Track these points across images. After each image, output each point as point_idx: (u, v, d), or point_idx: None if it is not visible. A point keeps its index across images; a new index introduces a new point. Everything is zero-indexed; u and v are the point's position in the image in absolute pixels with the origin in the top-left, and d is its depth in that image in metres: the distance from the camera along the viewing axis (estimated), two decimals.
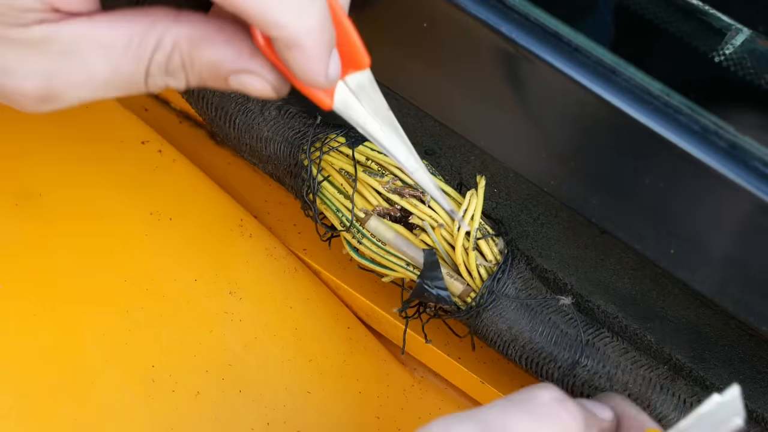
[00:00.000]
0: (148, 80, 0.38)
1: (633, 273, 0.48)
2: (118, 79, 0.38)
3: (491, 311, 0.47)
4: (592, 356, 0.47)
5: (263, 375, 0.53)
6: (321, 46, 0.37)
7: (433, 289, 0.47)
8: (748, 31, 0.42)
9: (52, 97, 0.37)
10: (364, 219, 0.49)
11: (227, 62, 0.38)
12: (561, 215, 0.49)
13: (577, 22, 0.39)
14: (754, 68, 0.41)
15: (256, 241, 0.59)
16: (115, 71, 0.37)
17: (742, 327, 0.44)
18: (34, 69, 0.36)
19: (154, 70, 0.38)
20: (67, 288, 0.51)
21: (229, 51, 0.38)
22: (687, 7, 0.42)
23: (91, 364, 0.49)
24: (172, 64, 0.38)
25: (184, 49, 0.38)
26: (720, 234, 0.39)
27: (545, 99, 0.40)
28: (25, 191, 0.54)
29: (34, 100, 0.37)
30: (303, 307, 0.57)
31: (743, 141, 0.36)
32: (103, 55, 0.37)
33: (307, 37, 0.36)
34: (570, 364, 0.47)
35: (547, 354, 0.47)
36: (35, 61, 0.36)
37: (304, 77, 0.38)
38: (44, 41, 0.36)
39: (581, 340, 0.47)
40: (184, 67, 0.38)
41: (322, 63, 0.37)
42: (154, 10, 0.38)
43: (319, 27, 0.36)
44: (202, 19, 0.38)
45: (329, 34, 0.37)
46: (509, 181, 0.50)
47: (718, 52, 0.41)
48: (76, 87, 0.37)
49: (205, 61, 0.38)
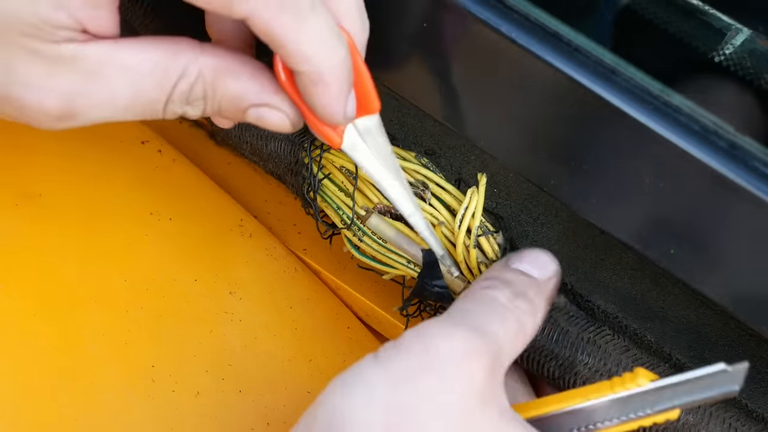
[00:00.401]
0: (167, 107, 0.39)
1: (633, 273, 0.48)
2: (139, 104, 0.38)
3: None
4: (593, 354, 0.47)
5: (263, 375, 0.53)
6: (343, 83, 0.39)
7: (433, 288, 0.47)
8: (748, 31, 0.42)
9: (71, 115, 0.38)
10: (364, 217, 0.49)
11: (250, 95, 0.39)
12: (561, 215, 0.49)
13: (577, 22, 0.39)
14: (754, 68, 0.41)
15: (256, 241, 0.59)
16: (137, 96, 0.38)
17: (742, 327, 0.44)
18: (58, 86, 0.37)
19: (175, 98, 0.39)
20: (67, 288, 0.51)
21: (253, 84, 0.39)
22: (687, 7, 0.42)
23: (91, 364, 0.49)
24: (195, 93, 0.39)
25: (208, 80, 0.39)
26: (720, 234, 0.39)
27: (545, 99, 0.40)
28: (25, 191, 0.54)
29: (52, 117, 0.38)
30: (303, 307, 0.57)
31: (743, 141, 0.36)
32: (127, 79, 0.37)
33: (332, 73, 0.38)
34: (571, 362, 0.47)
35: (548, 352, 0.47)
36: (60, 79, 0.37)
37: (324, 113, 0.39)
38: (72, 60, 0.36)
39: (582, 337, 0.47)
40: (206, 98, 0.39)
41: (342, 100, 0.39)
42: (179, 40, 0.38)
43: (343, 65, 0.38)
44: (226, 52, 0.39)
45: (350, 72, 0.39)
46: (509, 181, 0.50)
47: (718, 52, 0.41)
48: (96, 108, 0.38)
49: (229, 93, 0.39)
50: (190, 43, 0.38)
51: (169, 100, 0.39)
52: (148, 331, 0.51)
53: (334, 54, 0.37)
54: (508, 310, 0.40)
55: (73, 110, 0.38)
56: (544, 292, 0.43)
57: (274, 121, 0.40)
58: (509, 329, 0.40)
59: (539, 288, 0.43)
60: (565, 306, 0.48)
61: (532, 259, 0.44)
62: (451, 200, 0.48)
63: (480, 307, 0.40)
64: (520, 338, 0.40)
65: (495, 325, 0.39)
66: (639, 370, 0.38)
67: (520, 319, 0.40)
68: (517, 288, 0.42)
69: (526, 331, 0.41)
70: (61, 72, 0.37)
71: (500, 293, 0.41)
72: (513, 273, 0.43)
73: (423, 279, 0.47)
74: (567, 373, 0.47)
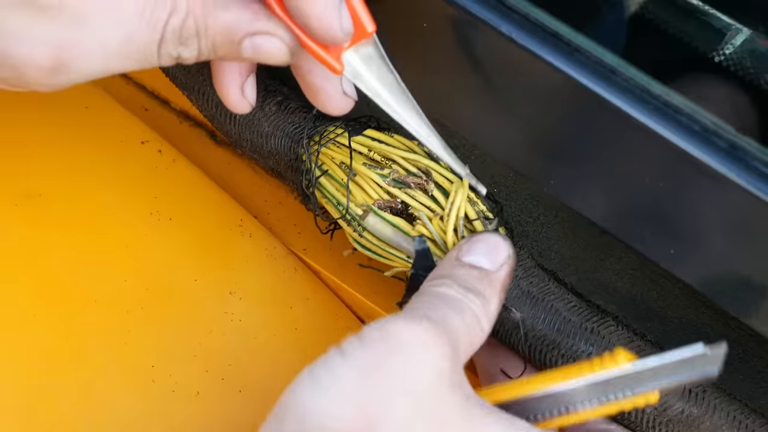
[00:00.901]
0: (161, 49, 0.38)
1: (633, 273, 0.48)
2: (132, 48, 0.37)
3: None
4: (596, 344, 0.47)
5: (263, 375, 0.53)
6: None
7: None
8: (748, 31, 0.42)
9: (62, 67, 0.37)
10: (362, 216, 0.49)
11: (243, 23, 0.38)
12: (561, 215, 0.49)
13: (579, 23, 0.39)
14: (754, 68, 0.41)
15: (256, 241, 0.59)
16: (129, 38, 0.37)
17: (742, 327, 0.44)
18: (45, 35, 0.36)
19: (168, 37, 0.38)
20: (67, 288, 0.51)
21: (244, 12, 0.38)
22: (687, 7, 0.42)
23: (91, 364, 0.49)
24: (187, 29, 0.38)
25: (199, 14, 0.38)
26: (720, 234, 0.39)
27: (545, 99, 0.40)
28: (25, 191, 0.54)
29: (44, 71, 0.37)
30: (303, 307, 0.57)
31: (743, 141, 0.36)
32: (116, 22, 0.37)
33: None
34: (573, 352, 0.47)
35: (550, 341, 0.47)
36: (47, 27, 0.36)
37: (320, 27, 0.38)
38: (57, 6, 0.35)
39: (585, 327, 0.47)
40: (198, 34, 0.38)
41: (335, 12, 0.38)
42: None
43: None
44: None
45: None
46: (509, 181, 0.50)
47: (718, 52, 0.41)
48: (88, 56, 0.37)
49: (221, 24, 0.38)
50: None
51: (162, 40, 0.38)
52: (148, 331, 0.51)
53: None
54: (462, 303, 0.40)
55: (65, 61, 0.37)
56: (496, 284, 0.42)
57: (272, 49, 0.39)
58: (465, 322, 0.39)
59: (490, 280, 0.42)
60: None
61: (482, 248, 0.43)
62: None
63: (435, 301, 0.40)
64: (475, 331, 0.40)
65: (451, 318, 0.39)
66: (619, 351, 0.38)
67: (474, 313, 0.40)
68: (468, 283, 0.41)
69: (481, 324, 0.40)
70: (47, 21, 0.36)
71: (451, 290, 0.41)
72: (462, 268, 0.42)
73: (416, 270, 0.47)
74: (570, 363, 0.47)
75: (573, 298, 0.48)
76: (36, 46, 0.36)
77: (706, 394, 0.45)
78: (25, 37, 0.36)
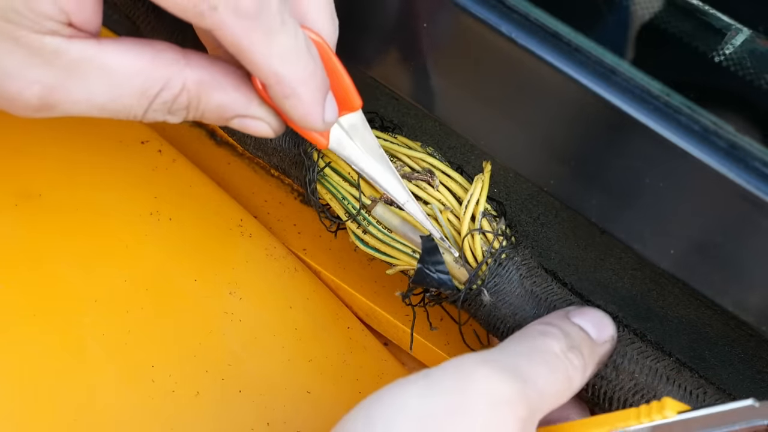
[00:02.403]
0: (147, 114, 0.39)
1: (633, 273, 0.48)
2: (116, 107, 0.38)
3: (495, 297, 0.47)
4: None
5: (263, 375, 0.53)
6: (316, 94, 0.39)
7: (434, 273, 0.47)
8: (748, 31, 0.42)
9: (48, 107, 0.37)
10: (370, 206, 0.49)
11: (235, 107, 0.39)
12: (561, 215, 0.49)
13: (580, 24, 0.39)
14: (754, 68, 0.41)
15: (256, 241, 0.59)
16: (115, 99, 0.38)
17: (742, 327, 0.44)
18: (37, 77, 0.36)
19: (156, 107, 0.38)
20: (67, 288, 0.51)
21: (237, 96, 0.39)
22: (687, 7, 0.42)
23: (91, 364, 0.49)
24: (178, 104, 0.39)
25: (193, 92, 0.38)
26: (720, 234, 0.39)
27: (545, 99, 0.40)
28: (25, 191, 0.54)
29: (31, 108, 0.37)
30: (303, 307, 0.57)
31: (743, 141, 0.36)
32: (107, 81, 0.37)
33: (302, 86, 0.38)
34: None
35: None
36: (40, 70, 0.36)
37: (301, 123, 0.40)
38: (54, 53, 0.36)
39: None
40: (188, 107, 0.39)
41: (317, 109, 0.39)
42: (165, 48, 0.38)
43: (313, 77, 0.38)
44: (210, 62, 0.39)
45: (323, 81, 0.39)
46: (509, 181, 0.50)
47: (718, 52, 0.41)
48: (73, 103, 0.38)
49: (214, 104, 0.39)
50: (175, 52, 0.38)
51: (150, 108, 0.38)
52: (148, 331, 0.51)
53: (304, 68, 0.38)
54: (560, 361, 0.39)
55: (51, 102, 0.37)
56: (598, 354, 0.42)
57: (257, 129, 0.40)
58: (555, 381, 0.39)
59: (594, 348, 0.42)
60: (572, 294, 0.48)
61: (593, 318, 0.44)
62: (457, 187, 0.48)
63: (531, 352, 0.39)
64: (564, 393, 0.39)
65: (541, 375, 0.38)
66: (666, 401, 0.38)
67: (569, 373, 0.39)
68: (574, 341, 0.41)
69: (572, 386, 0.40)
70: (41, 64, 0.36)
71: (556, 342, 0.40)
72: (571, 326, 0.42)
73: (423, 264, 0.47)
74: None
75: (575, 299, 0.48)
76: (27, 85, 0.37)
77: (707, 395, 0.45)
78: (17, 76, 0.36)
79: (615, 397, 0.46)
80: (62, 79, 0.37)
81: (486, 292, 0.47)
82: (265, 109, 0.40)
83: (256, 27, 0.35)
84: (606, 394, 0.46)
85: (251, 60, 0.36)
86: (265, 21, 0.35)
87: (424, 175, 0.48)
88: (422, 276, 0.48)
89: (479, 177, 0.48)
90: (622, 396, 0.46)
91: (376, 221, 0.49)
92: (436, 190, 0.48)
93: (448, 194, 0.48)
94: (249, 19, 0.35)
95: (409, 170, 0.49)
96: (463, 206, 0.47)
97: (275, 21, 0.36)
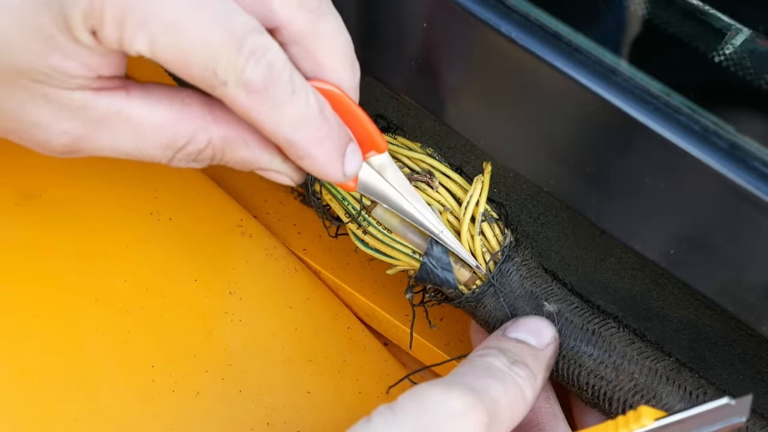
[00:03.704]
0: (171, 162, 0.39)
1: (633, 273, 0.48)
2: (141, 155, 0.39)
3: (495, 297, 0.47)
4: (598, 345, 0.47)
5: (263, 375, 0.53)
6: (332, 152, 0.39)
7: (438, 270, 0.47)
8: (748, 31, 0.42)
9: (74, 152, 0.38)
10: (370, 207, 0.49)
11: (259, 163, 0.40)
12: (561, 215, 0.49)
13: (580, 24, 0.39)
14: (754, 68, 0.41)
15: (256, 241, 0.59)
16: (140, 149, 0.39)
17: (742, 327, 0.44)
18: (65, 129, 0.37)
19: (179, 157, 0.39)
20: (67, 288, 0.51)
21: (261, 154, 0.40)
22: (687, 7, 0.42)
23: (91, 364, 0.49)
24: (202, 156, 0.39)
25: (218, 147, 0.39)
26: (720, 234, 0.39)
27: (545, 99, 0.40)
28: (25, 191, 0.54)
29: (57, 152, 0.38)
30: (303, 307, 0.57)
31: (743, 141, 0.36)
32: (132, 134, 0.38)
33: (316, 148, 0.39)
34: (575, 353, 0.47)
35: None
36: (68, 123, 0.37)
37: (321, 177, 0.40)
38: (82, 107, 0.37)
39: (587, 329, 0.47)
40: (213, 158, 0.40)
41: (334, 165, 0.40)
42: (191, 100, 0.38)
43: (326, 138, 0.39)
44: (236, 117, 0.39)
45: (339, 138, 0.40)
46: (509, 181, 0.50)
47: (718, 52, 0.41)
48: (98, 149, 0.38)
49: (238, 158, 0.40)
50: (201, 106, 0.38)
51: (174, 158, 0.39)
52: (148, 331, 0.51)
53: (316, 132, 0.38)
54: (507, 374, 0.41)
55: (77, 149, 0.38)
56: (542, 360, 0.44)
57: (278, 180, 0.41)
58: (507, 391, 0.40)
59: (537, 356, 0.44)
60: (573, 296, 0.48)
61: (528, 327, 0.45)
62: (456, 188, 0.49)
63: (477, 371, 0.41)
64: (519, 403, 0.41)
65: (491, 385, 0.40)
66: (642, 409, 0.38)
67: (518, 383, 0.41)
68: (515, 356, 0.42)
69: (525, 396, 0.41)
70: (71, 117, 0.37)
71: (497, 360, 0.42)
72: (510, 342, 0.44)
73: (429, 259, 0.47)
74: (572, 364, 0.47)
75: (575, 300, 0.48)
76: (55, 136, 0.37)
77: (707, 396, 0.45)
78: (46, 128, 0.37)
79: (615, 397, 0.46)
80: (90, 131, 0.37)
81: (486, 293, 0.47)
82: (288, 165, 0.40)
83: (265, 100, 0.36)
84: (606, 394, 0.46)
85: (262, 128, 0.37)
86: (275, 93, 0.36)
87: (423, 176, 0.48)
88: (427, 272, 0.48)
89: (479, 178, 0.48)
90: (622, 396, 0.46)
91: (376, 222, 0.49)
92: (435, 191, 0.48)
93: (448, 195, 0.48)
94: (258, 93, 0.36)
95: (409, 171, 0.49)
96: (462, 207, 0.48)
97: (285, 92, 0.36)
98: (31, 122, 0.37)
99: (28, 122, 0.37)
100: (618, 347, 0.47)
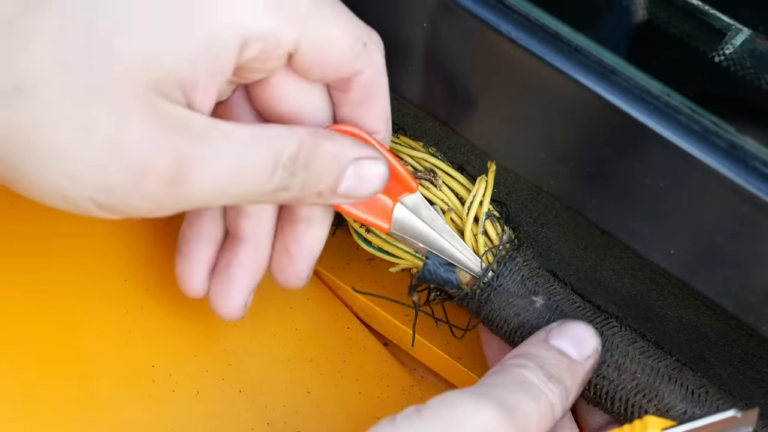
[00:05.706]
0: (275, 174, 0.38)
1: (633, 273, 0.48)
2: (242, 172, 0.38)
3: (498, 297, 0.47)
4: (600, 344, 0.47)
5: (263, 375, 0.53)
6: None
7: (441, 269, 0.47)
8: (748, 31, 0.42)
9: (180, 180, 0.36)
10: None
11: (349, 149, 0.41)
12: (561, 215, 0.49)
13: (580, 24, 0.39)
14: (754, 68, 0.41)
15: None
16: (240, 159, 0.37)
17: (742, 327, 0.44)
18: (168, 143, 0.36)
19: (284, 161, 0.38)
20: (67, 287, 0.51)
21: (348, 140, 0.41)
22: (687, 7, 0.42)
23: (91, 364, 0.49)
24: (300, 158, 0.39)
25: (308, 144, 0.39)
26: (720, 234, 0.39)
27: (545, 99, 0.40)
28: None
29: (160, 181, 0.36)
30: (303, 307, 0.57)
31: (743, 141, 0.36)
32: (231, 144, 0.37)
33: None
34: None
35: None
36: (171, 135, 0.36)
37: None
38: (183, 120, 0.36)
39: None
40: (306, 164, 0.39)
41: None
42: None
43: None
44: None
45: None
46: (509, 181, 0.50)
47: (718, 52, 0.41)
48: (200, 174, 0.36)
49: (328, 154, 0.40)
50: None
51: (277, 164, 0.38)
52: (148, 331, 0.51)
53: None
54: (540, 390, 0.40)
55: (181, 173, 0.36)
56: (579, 376, 0.43)
57: (374, 175, 0.41)
58: (539, 408, 0.39)
59: (575, 370, 0.43)
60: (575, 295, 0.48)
61: (572, 335, 0.44)
62: (459, 187, 0.49)
63: (511, 384, 0.40)
64: (548, 420, 0.40)
65: (523, 402, 0.39)
66: (649, 419, 0.38)
67: (551, 401, 0.40)
68: (552, 371, 0.41)
69: (555, 414, 0.40)
70: (172, 130, 0.36)
71: (533, 375, 0.41)
72: (550, 351, 0.43)
73: (431, 261, 0.47)
74: None
75: (577, 299, 0.48)
76: (157, 152, 0.35)
77: (708, 395, 0.45)
78: (148, 140, 0.35)
79: (617, 396, 0.46)
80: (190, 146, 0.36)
81: (489, 293, 0.47)
82: (374, 150, 0.42)
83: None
84: (608, 393, 0.46)
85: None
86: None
87: (426, 175, 0.48)
88: (428, 273, 0.48)
89: (482, 177, 0.48)
90: (624, 395, 0.46)
91: None
92: (439, 189, 0.48)
93: (451, 195, 0.48)
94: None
95: (411, 170, 0.49)
96: (465, 207, 0.47)
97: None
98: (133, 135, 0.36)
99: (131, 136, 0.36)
100: (620, 346, 0.47)
